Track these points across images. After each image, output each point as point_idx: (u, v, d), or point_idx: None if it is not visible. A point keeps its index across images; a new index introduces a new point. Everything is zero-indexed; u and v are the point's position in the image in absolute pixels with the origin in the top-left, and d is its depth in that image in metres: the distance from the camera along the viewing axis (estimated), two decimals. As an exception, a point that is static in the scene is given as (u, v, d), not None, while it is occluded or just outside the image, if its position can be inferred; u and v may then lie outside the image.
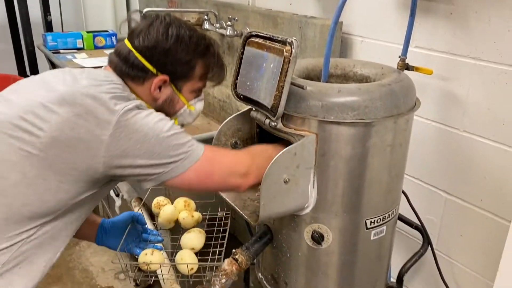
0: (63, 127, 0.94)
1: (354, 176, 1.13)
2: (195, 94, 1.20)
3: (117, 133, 0.95)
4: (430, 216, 1.56)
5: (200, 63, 1.15)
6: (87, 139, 0.94)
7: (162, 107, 1.15)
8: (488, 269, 1.43)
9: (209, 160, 1.05)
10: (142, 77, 1.11)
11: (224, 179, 1.08)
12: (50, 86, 1.02)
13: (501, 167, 1.33)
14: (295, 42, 1.02)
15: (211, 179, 1.06)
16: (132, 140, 0.96)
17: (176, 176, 1.01)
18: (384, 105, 1.08)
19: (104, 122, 0.94)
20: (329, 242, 1.19)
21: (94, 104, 0.96)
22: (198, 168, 1.02)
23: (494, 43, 1.27)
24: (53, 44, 2.92)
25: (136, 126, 0.97)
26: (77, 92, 0.97)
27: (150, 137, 0.97)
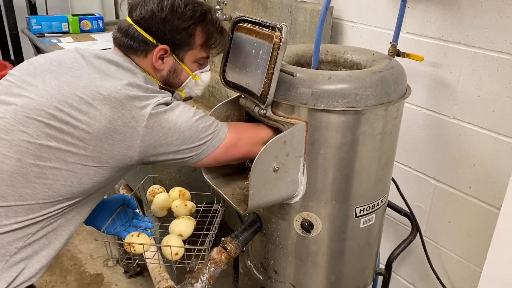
0: (101, 120, 0.98)
1: (344, 164, 1.13)
2: (199, 64, 1.21)
3: (151, 124, 1.01)
4: (419, 203, 1.57)
5: (199, 31, 1.14)
6: (124, 131, 0.99)
7: (167, 79, 1.18)
8: (475, 255, 1.45)
9: (234, 134, 1.12)
10: (145, 49, 1.13)
11: (250, 149, 1.14)
12: (75, 74, 1.05)
13: (490, 154, 1.33)
14: (285, 27, 1.00)
15: (238, 151, 1.14)
16: (165, 129, 1.02)
17: (206, 156, 1.09)
18: (374, 92, 1.07)
19: (139, 115, 1.00)
20: (318, 231, 1.19)
21: (127, 100, 1.00)
22: (226, 145, 1.10)
23: (485, 29, 1.25)
24: (38, 27, 2.85)
25: (166, 116, 1.03)
26: (112, 89, 1.01)
27: (179, 124, 1.04)
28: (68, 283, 2.32)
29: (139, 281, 2.35)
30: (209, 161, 1.11)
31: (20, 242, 1.02)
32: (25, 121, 0.99)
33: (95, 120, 0.98)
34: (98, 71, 1.06)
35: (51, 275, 2.36)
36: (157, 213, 1.44)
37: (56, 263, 2.45)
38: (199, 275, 1.20)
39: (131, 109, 1.00)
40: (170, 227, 1.34)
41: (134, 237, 1.26)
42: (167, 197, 1.45)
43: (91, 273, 2.39)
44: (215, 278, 1.21)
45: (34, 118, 0.99)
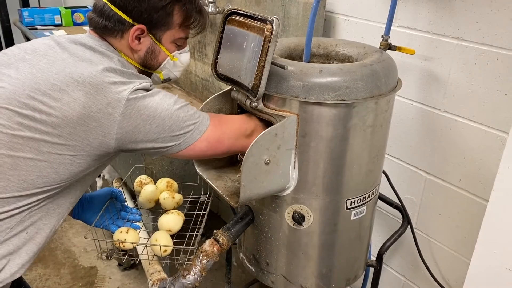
0: (74, 106, 0.95)
1: (335, 157, 1.13)
2: (177, 45, 1.18)
3: (128, 110, 0.97)
4: (410, 196, 1.58)
5: (177, 10, 1.11)
6: (99, 117, 0.96)
7: (145, 60, 1.15)
8: (465, 247, 1.46)
9: (216, 127, 1.09)
10: (120, 29, 1.09)
11: (233, 142, 1.12)
12: (49, 60, 1.01)
13: (480, 147, 1.34)
14: (276, 20, 1.00)
15: (221, 145, 1.11)
16: (143, 116, 0.99)
17: (187, 147, 1.06)
18: (365, 85, 1.07)
19: (115, 101, 0.97)
20: (309, 223, 1.20)
21: (103, 84, 0.97)
22: (207, 137, 1.07)
23: (476, 23, 1.26)
24: (30, 20, 2.83)
25: (145, 103, 0.99)
26: (86, 74, 0.98)
27: (159, 111, 1.00)
28: (62, 276, 2.33)
29: (132, 274, 2.35)
30: (189, 153, 1.08)
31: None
32: None
33: (68, 106, 0.95)
34: (72, 57, 1.02)
35: (45, 268, 2.37)
36: (145, 205, 1.44)
37: (49, 256, 2.45)
38: (192, 267, 1.21)
39: (106, 94, 0.96)
40: (159, 223, 1.34)
41: (123, 233, 1.26)
42: (155, 188, 1.45)
43: (85, 266, 2.40)
44: (208, 270, 1.22)
45: (6, 107, 0.95)
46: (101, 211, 1.31)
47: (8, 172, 0.97)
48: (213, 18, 2.20)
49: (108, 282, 2.30)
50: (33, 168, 0.98)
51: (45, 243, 1.09)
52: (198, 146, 1.07)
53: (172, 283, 1.20)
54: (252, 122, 1.16)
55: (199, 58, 2.41)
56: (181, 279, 1.20)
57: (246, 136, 1.14)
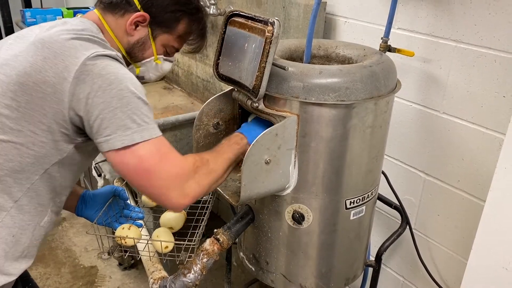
0: (30, 71, 0.92)
1: (335, 157, 1.15)
2: (166, 50, 1.17)
3: (83, 75, 0.91)
4: (409, 196, 1.59)
5: (185, 21, 1.13)
6: (54, 82, 0.92)
7: (132, 48, 1.13)
8: (463, 247, 1.47)
9: (160, 149, 0.96)
10: (124, 9, 1.08)
11: (166, 184, 0.96)
12: (22, 40, 1.00)
13: (478, 148, 1.35)
14: (277, 22, 1.02)
15: (149, 175, 0.95)
16: (96, 85, 0.91)
17: (119, 148, 0.92)
18: (365, 86, 1.09)
19: (72, 64, 0.92)
20: (309, 222, 1.21)
21: (62, 48, 0.93)
22: (144, 153, 0.93)
23: (474, 25, 1.28)
24: (32, 20, 2.84)
25: (103, 72, 0.92)
26: (46, 37, 0.96)
27: (113, 87, 0.92)
28: (62, 275, 2.34)
29: (133, 273, 2.36)
30: (116, 161, 0.94)
31: None
32: None
33: (23, 71, 0.92)
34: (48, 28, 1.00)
35: (46, 267, 2.38)
36: (147, 204, 1.45)
37: (50, 256, 2.46)
38: (192, 266, 1.22)
39: (64, 58, 0.92)
40: (161, 220, 1.35)
41: (125, 229, 1.27)
42: None
43: (85, 266, 2.41)
44: (208, 269, 1.23)
45: None
46: (104, 208, 1.32)
47: None
48: (214, 20, 2.22)
49: (109, 281, 2.31)
50: (1, 152, 0.95)
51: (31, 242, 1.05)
52: (127, 157, 0.93)
53: (173, 281, 1.21)
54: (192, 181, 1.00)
55: (200, 59, 2.42)
56: (182, 277, 1.21)
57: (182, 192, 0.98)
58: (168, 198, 0.97)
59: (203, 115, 1.28)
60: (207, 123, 1.30)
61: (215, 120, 1.30)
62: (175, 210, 1.02)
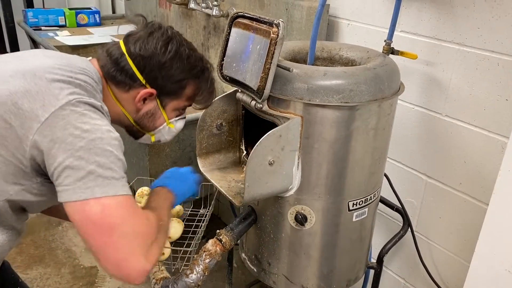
0: (10, 95, 0.88)
1: (338, 158, 1.15)
2: (178, 112, 1.17)
3: (57, 118, 0.87)
4: (411, 199, 1.60)
5: (192, 85, 1.11)
6: (26, 116, 0.87)
7: (141, 120, 1.12)
8: (465, 250, 1.48)
9: (124, 207, 0.88)
10: (129, 84, 1.06)
11: (131, 245, 0.87)
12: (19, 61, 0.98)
13: (481, 151, 1.36)
14: (282, 24, 1.02)
15: (109, 235, 0.85)
16: (67, 131, 0.86)
17: (73, 200, 0.85)
18: (368, 89, 1.09)
19: (50, 105, 0.88)
20: (312, 223, 1.21)
21: (47, 87, 0.90)
22: (107, 206, 0.86)
23: (478, 29, 1.28)
24: (34, 20, 2.85)
25: (79, 120, 0.88)
26: (37, 70, 0.93)
27: (85, 136, 0.87)
28: (63, 276, 2.33)
29: (133, 274, 2.36)
30: (71, 212, 0.86)
31: None
32: None
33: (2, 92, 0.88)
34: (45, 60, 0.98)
35: (45, 268, 2.37)
36: None
37: (50, 256, 2.45)
38: (194, 267, 1.22)
39: (45, 96, 0.88)
40: None
41: None
42: None
43: (85, 266, 2.40)
44: (210, 270, 1.23)
45: None
46: None
47: None
48: (216, 21, 2.22)
49: (109, 282, 2.31)
50: None
51: None
52: (87, 211, 0.85)
53: (175, 282, 1.21)
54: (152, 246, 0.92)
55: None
56: (184, 278, 1.21)
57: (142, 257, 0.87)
58: (133, 263, 0.86)
59: (207, 116, 1.28)
60: (211, 124, 1.30)
61: (218, 121, 1.31)
62: (136, 280, 0.86)
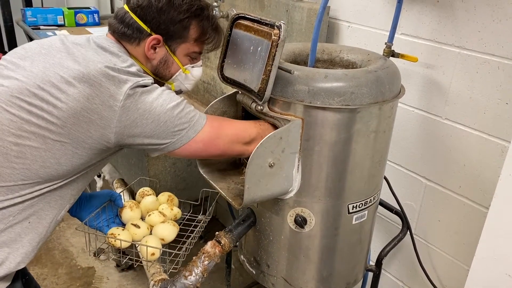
0: (79, 98, 0.99)
1: (338, 161, 1.15)
2: (191, 58, 1.22)
3: (127, 104, 1.01)
4: (410, 202, 1.60)
5: (194, 25, 1.16)
6: (101, 109, 1.00)
7: (157, 69, 1.19)
8: (464, 253, 1.48)
9: (213, 129, 1.10)
10: (138, 37, 1.14)
11: (228, 147, 1.13)
12: (62, 56, 1.06)
13: (480, 155, 1.36)
14: (284, 25, 1.02)
15: (215, 147, 1.11)
16: (140, 111, 1.02)
17: (182, 146, 1.07)
18: (370, 91, 1.09)
19: (117, 94, 1.00)
20: (311, 226, 1.21)
21: (107, 79, 1.01)
22: (202, 139, 1.08)
23: (478, 32, 1.28)
24: (33, 19, 2.84)
25: (143, 97, 1.02)
26: (92, 68, 1.02)
27: (154, 107, 1.03)
28: (60, 276, 2.32)
29: (130, 275, 2.35)
30: (184, 153, 1.10)
31: (1, 225, 1.03)
32: (9, 100, 1.00)
33: (73, 98, 0.99)
34: (84, 53, 1.07)
35: (42, 268, 2.36)
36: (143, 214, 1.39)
37: (47, 256, 2.45)
38: (193, 268, 1.21)
39: (109, 87, 1.00)
40: (154, 230, 1.31)
41: (119, 230, 1.26)
42: (155, 200, 1.44)
43: (83, 267, 2.40)
44: (209, 272, 1.23)
45: (17, 96, 1.00)
46: (97, 210, 1.30)
47: (14, 160, 1.01)
48: (216, 22, 2.22)
49: (106, 282, 2.30)
50: (37, 158, 1.01)
51: (47, 233, 1.12)
52: (193, 146, 1.08)
53: (174, 283, 1.21)
54: (253, 130, 1.15)
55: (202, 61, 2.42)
56: (183, 279, 1.20)
57: (244, 143, 1.14)
58: (238, 150, 1.15)
59: (207, 117, 1.28)
60: (210, 125, 1.29)
61: (218, 123, 1.30)
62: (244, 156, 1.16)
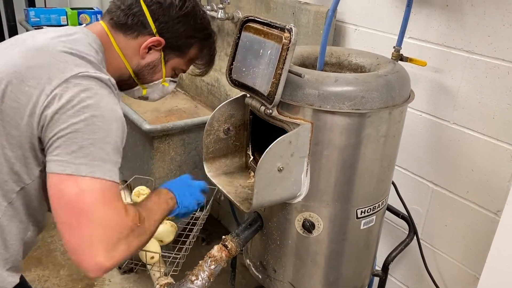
0: (16, 75, 0.87)
1: (347, 165, 1.14)
2: (174, 73, 1.18)
3: (62, 91, 0.85)
4: (416, 206, 1.59)
5: (197, 46, 1.14)
6: (32, 92, 0.86)
7: (142, 69, 1.10)
8: (470, 259, 1.47)
9: (105, 194, 0.85)
10: (137, 31, 1.06)
11: (97, 234, 0.83)
12: (21, 42, 0.98)
13: (489, 160, 1.35)
14: (295, 29, 1.01)
15: (81, 216, 0.83)
16: (69, 104, 0.84)
17: (57, 172, 0.84)
18: (380, 96, 1.08)
19: (56, 78, 0.86)
20: (319, 231, 1.20)
21: (53, 59, 0.89)
22: (86, 189, 0.83)
23: (488, 37, 1.27)
24: (36, 20, 2.83)
25: (83, 94, 0.85)
26: (40, 46, 0.92)
27: (86, 111, 0.84)
28: (61, 278, 2.31)
29: (132, 277, 2.34)
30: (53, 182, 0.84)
31: None
32: None
33: (10, 70, 0.87)
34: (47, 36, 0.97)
35: (44, 270, 2.35)
36: None
37: (49, 258, 2.43)
38: (199, 272, 1.20)
39: (51, 70, 0.87)
40: None
41: None
42: None
43: (85, 268, 2.38)
44: (215, 276, 1.21)
45: None
46: None
47: None
48: (221, 24, 2.21)
49: (108, 285, 2.28)
50: None
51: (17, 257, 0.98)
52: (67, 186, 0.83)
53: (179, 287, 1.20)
54: None
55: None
56: (189, 284, 1.19)
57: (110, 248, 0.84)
58: (90, 253, 0.82)
59: (214, 120, 1.27)
60: (218, 129, 1.29)
61: (225, 126, 1.29)
62: (90, 273, 0.83)
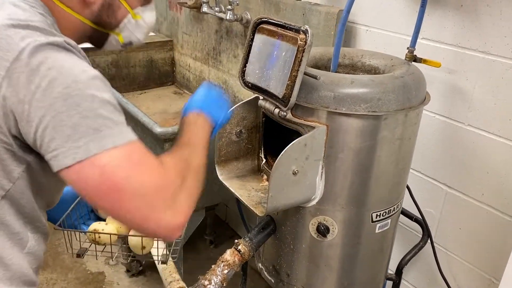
0: None
1: (362, 169, 1.12)
2: (140, 0, 0.99)
3: (16, 73, 0.71)
4: (430, 209, 1.57)
5: None
6: None
7: (99, 17, 0.93)
8: (486, 262, 1.45)
9: (130, 157, 0.73)
10: None
11: (146, 202, 0.73)
12: None
13: (505, 162, 1.33)
14: (310, 30, 1.00)
15: (118, 194, 0.72)
16: (33, 85, 0.71)
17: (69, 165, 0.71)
18: (396, 98, 1.06)
19: (3, 59, 0.73)
20: (334, 235, 1.18)
21: (5, 27, 0.74)
22: (108, 163, 0.71)
23: (504, 37, 1.25)
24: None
25: (42, 67, 0.71)
26: None
27: (56, 85, 0.71)
28: (69, 281, 2.30)
29: (140, 280, 2.33)
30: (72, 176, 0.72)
31: None
32: None
33: None
34: None
35: (52, 273, 2.34)
36: None
37: (57, 261, 2.42)
38: (212, 277, 1.19)
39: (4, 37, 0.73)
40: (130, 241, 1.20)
41: (101, 224, 1.12)
42: None
43: (93, 272, 2.37)
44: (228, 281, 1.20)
45: None
46: (68, 211, 1.13)
47: None
48: (229, 25, 2.20)
49: (116, 288, 2.28)
50: None
51: None
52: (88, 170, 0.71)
53: (192, 293, 1.19)
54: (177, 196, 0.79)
55: (213, 64, 2.40)
56: (202, 288, 1.18)
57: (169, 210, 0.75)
58: (154, 222, 0.73)
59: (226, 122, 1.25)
60: (230, 131, 1.27)
61: (238, 128, 1.28)
62: (168, 237, 0.76)
